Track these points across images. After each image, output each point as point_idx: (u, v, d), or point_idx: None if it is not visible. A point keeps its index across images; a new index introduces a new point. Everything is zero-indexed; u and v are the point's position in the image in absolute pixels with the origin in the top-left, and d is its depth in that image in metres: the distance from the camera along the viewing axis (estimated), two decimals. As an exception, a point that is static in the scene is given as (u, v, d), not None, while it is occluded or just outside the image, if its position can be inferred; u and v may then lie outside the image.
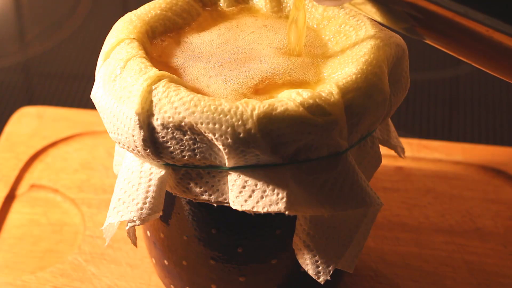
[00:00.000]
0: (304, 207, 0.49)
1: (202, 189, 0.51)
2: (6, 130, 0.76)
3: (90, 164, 0.73)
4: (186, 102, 0.48)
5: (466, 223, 0.67)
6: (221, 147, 0.48)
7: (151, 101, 0.49)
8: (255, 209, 0.49)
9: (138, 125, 0.49)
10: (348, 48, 0.53)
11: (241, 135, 0.47)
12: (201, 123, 0.48)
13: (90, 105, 0.79)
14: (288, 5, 0.57)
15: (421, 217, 0.68)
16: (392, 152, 0.69)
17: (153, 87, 0.49)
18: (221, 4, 0.57)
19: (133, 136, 0.49)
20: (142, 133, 0.49)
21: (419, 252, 0.65)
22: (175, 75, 0.51)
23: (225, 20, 0.56)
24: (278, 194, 0.49)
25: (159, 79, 0.49)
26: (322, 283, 0.52)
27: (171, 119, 0.48)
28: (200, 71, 0.52)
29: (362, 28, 0.53)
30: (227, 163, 0.49)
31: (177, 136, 0.49)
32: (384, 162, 0.70)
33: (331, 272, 0.52)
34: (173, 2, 0.56)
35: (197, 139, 0.49)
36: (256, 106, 0.48)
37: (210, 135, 0.48)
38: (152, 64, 0.51)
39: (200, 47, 0.54)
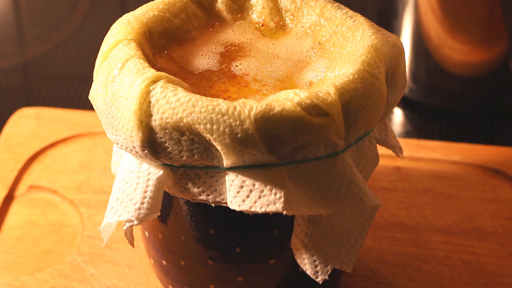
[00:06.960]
0: (302, 207, 0.49)
1: (200, 189, 0.51)
2: (5, 131, 0.76)
3: (89, 165, 0.73)
4: (184, 102, 0.48)
5: (464, 222, 0.67)
6: (219, 147, 0.48)
7: (149, 102, 0.49)
8: (253, 209, 0.49)
9: (136, 126, 0.49)
10: (345, 48, 0.53)
11: (239, 135, 0.47)
12: (199, 124, 0.48)
13: (89, 106, 0.79)
14: (287, 20, 0.56)
15: (419, 217, 0.68)
16: (390, 152, 0.69)
17: (151, 88, 0.49)
18: (218, 6, 0.57)
19: (131, 137, 0.49)
20: (140, 134, 0.49)
21: (417, 252, 0.65)
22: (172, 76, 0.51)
23: (222, 25, 0.56)
24: (275, 194, 0.49)
25: (157, 80, 0.49)
26: (320, 282, 0.52)
27: (169, 120, 0.48)
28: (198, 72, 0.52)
29: (359, 29, 0.53)
30: (225, 163, 0.49)
31: (175, 136, 0.49)
32: (382, 162, 0.70)
33: (329, 272, 0.52)
34: (171, 3, 0.56)
35: (195, 140, 0.49)
36: (253, 106, 0.48)
37: (208, 136, 0.48)
38: (149, 65, 0.51)
39: (198, 50, 0.54)
